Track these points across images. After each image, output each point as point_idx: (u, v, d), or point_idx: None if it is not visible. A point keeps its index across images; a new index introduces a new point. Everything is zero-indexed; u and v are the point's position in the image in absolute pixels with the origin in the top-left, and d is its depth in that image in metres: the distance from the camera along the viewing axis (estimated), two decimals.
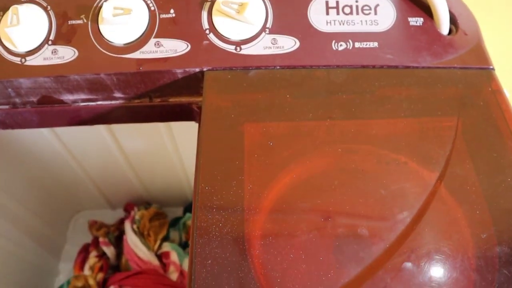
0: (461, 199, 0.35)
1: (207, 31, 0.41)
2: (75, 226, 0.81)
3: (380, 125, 0.39)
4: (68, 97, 0.44)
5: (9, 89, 0.43)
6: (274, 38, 0.41)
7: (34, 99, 0.45)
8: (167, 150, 0.69)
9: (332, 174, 0.37)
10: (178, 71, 0.41)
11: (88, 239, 0.78)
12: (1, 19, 0.43)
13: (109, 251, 0.74)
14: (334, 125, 0.39)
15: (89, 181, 0.74)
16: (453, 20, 0.43)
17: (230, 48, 0.41)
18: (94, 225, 0.76)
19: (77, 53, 0.41)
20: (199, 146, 0.37)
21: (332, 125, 0.39)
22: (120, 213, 0.81)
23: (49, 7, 0.43)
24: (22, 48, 0.42)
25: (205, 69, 0.41)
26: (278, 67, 0.41)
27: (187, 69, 0.41)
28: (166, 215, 0.76)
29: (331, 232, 0.33)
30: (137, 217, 0.72)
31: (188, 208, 0.80)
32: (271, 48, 0.41)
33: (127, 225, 0.71)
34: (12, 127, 0.48)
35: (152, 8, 0.42)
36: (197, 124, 0.42)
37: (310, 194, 0.36)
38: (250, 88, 0.40)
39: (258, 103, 0.39)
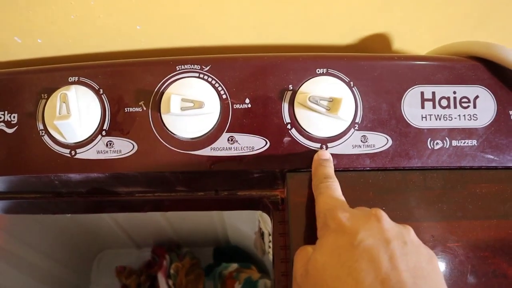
0: None
1: (289, 126, 0.36)
2: (99, 266, 0.77)
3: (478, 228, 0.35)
4: (122, 189, 0.39)
5: (56, 182, 0.38)
6: (364, 136, 0.36)
7: (83, 190, 0.39)
8: None
9: None
10: (255, 171, 0.36)
11: (112, 279, 0.74)
12: (46, 102, 0.37)
13: None
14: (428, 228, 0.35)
15: (113, 222, 0.69)
16: None
17: (315, 146, 0.36)
18: (123, 272, 0.72)
19: (136, 147, 0.36)
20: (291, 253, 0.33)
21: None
22: (146, 251, 0.76)
23: (101, 91, 0.37)
24: (71, 139, 0.36)
25: (286, 170, 0.36)
26: (368, 169, 0.36)
27: (265, 170, 0.36)
28: (200, 263, 0.72)
29: None
30: (172, 271, 0.68)
31: (218, 250, 0.76)
32: (360, 147, 0.36)
33: (161, 280, 0.67)
34: (54, 213, 0.43)
35: (224, 97, 0.36)
36: None
37: None
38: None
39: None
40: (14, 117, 0.37)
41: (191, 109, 0.35)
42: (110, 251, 0.77)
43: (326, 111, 0.35)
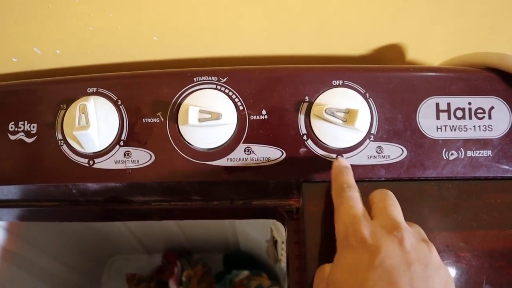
0: None
1: (305, 137, 0.36)
2: (110, 271, 0.77)
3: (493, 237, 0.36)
4: (138, 198, 0.40)
5: (74, 191, 0.39)
6: (380, 146, 0.36)
7: (100, 199, 0.40)
8: None
9: None
10: (271, 182, 0.36)
11: (123, 284, 0.74)
12: (64, 113, 0.37)
13: None
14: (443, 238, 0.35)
15: (124, 228, 0.69)
16: None
17: (331, 157, 0.36)
18: (133, 279, 0.72)
19: (153, 157, 0.36)
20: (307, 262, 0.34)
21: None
22: (156, 257, 0.76)
23: (119, 101, 0.37)
24: (90, 149, 0.37)
25: (302, 180, 0.36)
26: (383, 179, 0.36)
27: (281, 180, 0.36)
28: (211, 271, 0.73)
29: None
30: (183, 278, 0.68)
31: (228, 257, 0.76)
32: (376, 157, 0.36)
33: (173, 287, 0.68)
34: (71, 221, 0.43)
35: (241, 108, 0.37)
36: None
37: None
38: None
39: None
40: (33, 127, 0.38)
41: (209, 121, 0.35)
42: (121, 256, 0.78)
43: (343, 122, 0.35)
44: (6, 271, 0.55)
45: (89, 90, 0.38)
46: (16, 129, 0.38)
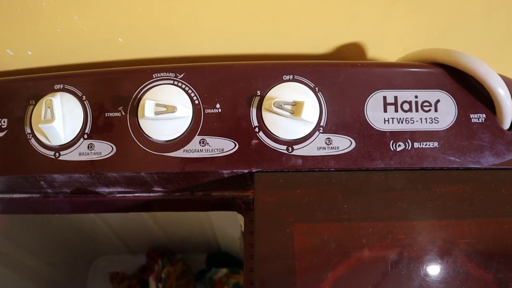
0: None
1: (256, 129, 0.38)
2: (95, 273, 0.79)
3: (440, 227, 0.37)
4: (103, 190, 0.42)
5: (42, 182, 0.41)
6: (329, 138, 0.38)
7: (67, 190, 0.42)
8: None
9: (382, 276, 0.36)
10: (225, 171, 0.38)
11: (108, 285, 0.76)
12: (33, 108, 0.40)
13: None
14: (389, 227, 0.37)
15: (108, 229, 0.72)
16: None
17: (281, 148, 0.38)
18: (116, 278, 0.74)
19: (115, 149, 0.39)
20: (256, 247, 0.36)
21: (386, 227, 0.37)
22: (140, 258, 0.78)
23: (84, 97, 0.40)
24: (56, 142, 0.39)
25: (254, 170, 0.38)
26: (332, 169, 0.38)
27: (234, 170, 0.38)
28: (191, 270, 0.74)
29: None
30: (163, 275, 0.70)
31: (211, 257, 0.77)
32: (325, 148, 0.38)
33: (152, 283, 0.69)
34: (43, 213, 0.45)
35: (197, 102, 0.39)
36: None
37: None
38: (302, 192, 0.37)
39: (310, 206, 0.37)
40: (4, 122, 0.40)
41: (165, 113, 0.37)
42: (106, 257, 0.80)
43: (291, 114, 0.37)
44: None
45: (56, 86, 0.40)
46: None
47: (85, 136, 0.39)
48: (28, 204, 0.43)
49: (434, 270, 0.36)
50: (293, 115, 0.37)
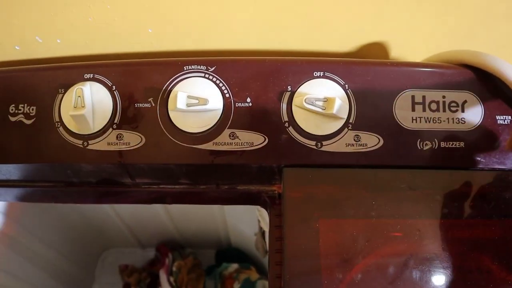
0: None
1: (286, 124, 0.38)
2: (103, 265, 0.79)
3: (465, 226, 0.37)
4: (129, 180, 0.42)
5: (69, 171, 0.41)
6: (357, 135, 0.38)
7: (93, 180, 0.42)
8: None
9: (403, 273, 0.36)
10: (254, 165, 0.39)
11: (116, 277, 0.76)
12: (62, 97, 0.40)
13: None
14: (416, 225, 0.37)
15: (119, 221, 0.72)
16: None
17: (311, 144, 0.38)
18: (125, 270, 0.74)
19: (144, 140, 0.39)
20: (285, 241, 0.36)
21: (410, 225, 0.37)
22: (150, 251, 0.78)
23: (114, 87, 0.40)
24: (85, 131, 0.39)
25: (283, 165, 0.38)
26: (360, 166, 0.38)
27: (263, 164, 0.38)
28: (202, 264, 0.74)
29: None
30: (174, 268, 0.70)
31: (220, 253, 0.78)
32: (353, 145, 0.38)
33: (163, 277, 0.69)
34: (65, 202, 0.45)
35: (227, 96, 0.39)
36: None
37: None
38: (331, 187, 0.38)
39: (337, 202, 0.37)
40: (33, 109, 0.40)
41: (196, 106, 0.37)
42: (115, 249, 0.80)
43: (322, 110, 0.37)
44: (4, 255, 0.57)
45: (86, 76, 0.40)
46: (16, 111, 0.40)
47: (114, 126, 0.39)
48: (51, 193, 0.43)
49: (458, 268, 0.36)
50: (325, 111, 0.37)
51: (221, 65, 0.39)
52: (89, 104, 0.38)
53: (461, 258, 0.37)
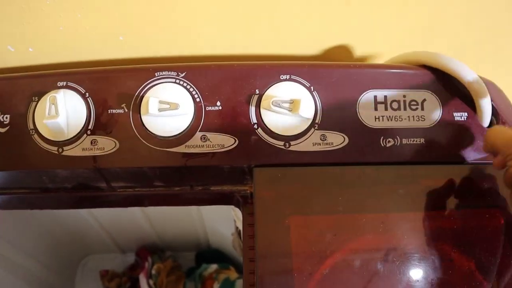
0: None
1: (255, 126, 0.40)
2: (84, 271, 0.79)
3: (427, 218, 0.40)
4: (104, 185, 0.43)
5: (44, 177, 0.41)
6: (323, 134, 0.40)
7: (69, 185, 0.43)
8: None
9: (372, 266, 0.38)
10: (225, 166, 0.40)
11: (97, 283, 0.76)
12: (36, 104, 0.40)
13: None
14: (381, 218, 0.39)
15: (98, 227, 0.72)
16: (494, 112, 0.43)
17: (279, 144, 0.40)
18: (106, 276, 0.75)
19: (118, 145, 0.40)
20: (256, 239, 0.38)
21: (378, 218, 0.39)
22: (130, 256, 0.79)
23: (87, 94, 0.41)
24: (59, 138, 0.40)
25: (253, 165, 0.40)
26: (327, 164, 0.40)
27: (234, 165, 0.40)
28: (181, 266, 0.75)
29: None
30: (153, 271, 0.71)
31: (200, 254, 0.79)
32: (320, 144, 0.40)
33: (143, 280, 0.70)
34: (41, 208, 0.46)
35: (198, 100, 0.40)
36: None
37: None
38: (300, 185, 0.39)
39: (307, 198, 0.39)
40: (6, 117, 0.41)
41: (168, 110, 0.39)
42: (95, 256, 0.80)
43: (289, 111, 0.39)
44: None
45: (59, 84, 0.41)
46: None
47: (88, 132, 0.40)
48: (28, 199, 0.44)
49: (422, 257, 0.38)
50: (291, 112, 0.39)
51: (191, 70, 0.41)
52: (63, 111, 0.39)
53: (423, 248, 0.39)
